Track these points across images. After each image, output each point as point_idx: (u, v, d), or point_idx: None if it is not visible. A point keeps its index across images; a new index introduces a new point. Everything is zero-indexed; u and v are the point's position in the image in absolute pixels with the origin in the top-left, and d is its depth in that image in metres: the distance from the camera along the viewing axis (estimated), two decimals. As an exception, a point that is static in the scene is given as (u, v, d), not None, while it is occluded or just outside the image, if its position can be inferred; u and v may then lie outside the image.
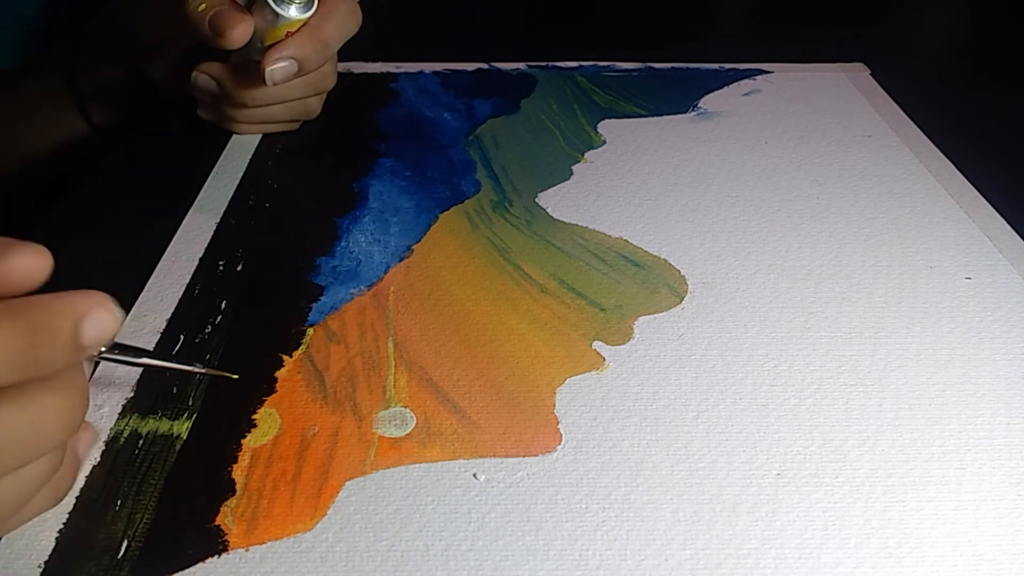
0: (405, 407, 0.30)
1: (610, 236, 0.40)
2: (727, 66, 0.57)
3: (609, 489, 0.27)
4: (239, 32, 0.38)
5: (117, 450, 0.28)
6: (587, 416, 0.30)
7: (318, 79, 0.45)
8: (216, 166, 0.45)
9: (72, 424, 0.22)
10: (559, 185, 0.44)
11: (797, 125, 0.50)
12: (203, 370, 0.30)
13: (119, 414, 0.29)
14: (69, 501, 0.26)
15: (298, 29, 0.41)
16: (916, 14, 0.72)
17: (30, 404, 0.20)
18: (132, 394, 0.30)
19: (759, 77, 0.56)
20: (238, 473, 0.27)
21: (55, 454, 0.23)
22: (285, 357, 0.32)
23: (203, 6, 0.39)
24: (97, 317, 0.21)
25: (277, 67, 0.41)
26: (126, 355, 0.27)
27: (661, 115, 0.51)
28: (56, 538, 0.25)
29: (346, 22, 0.43)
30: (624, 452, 0.28)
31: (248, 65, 0.42)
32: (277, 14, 0.39)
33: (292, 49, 0.41)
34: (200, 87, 0.44)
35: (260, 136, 0.48)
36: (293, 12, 0.39)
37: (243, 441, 0.28)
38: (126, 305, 0.34)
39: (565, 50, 0.59)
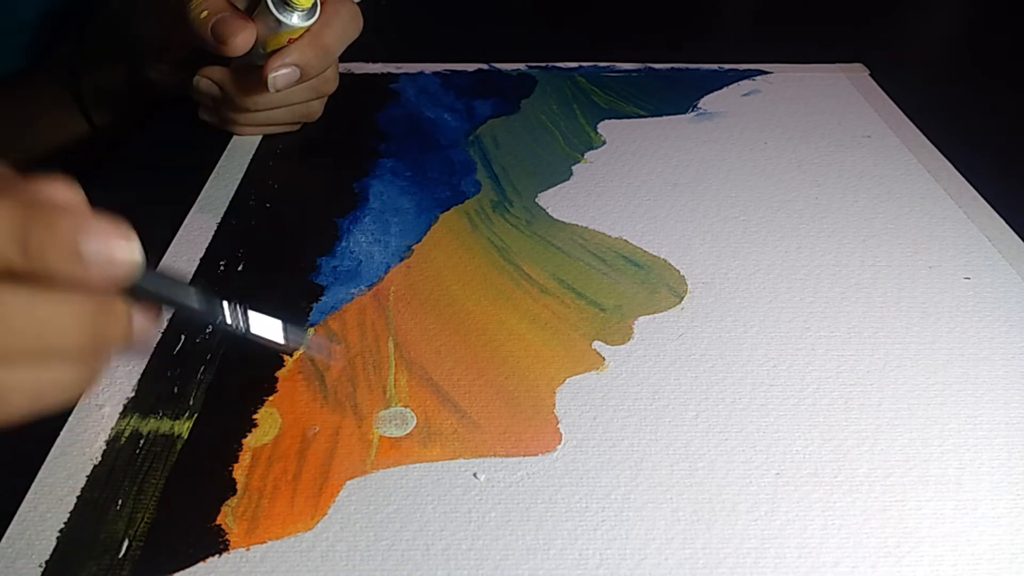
0: (405, 407, 0.30)
1: (610, 236, 0.40)
2: (726, 67, 0.57)
3: (609, 489, 0.27)
4: (241, 39, 0.38)
5: (118, 450, 0.28)
6: (587, 416, 0.30)
7: (320, 83, 0.45)
8: (217, 166, 0.45)
9: (94, 333, 0.21)
10: (559, 185, 0.44)
11: (796, 125, 0.50)
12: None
13: (120, 414, 0.29)
14: (70, 500, 0.26)
15: (300, 35, 0.41)
16: (916, 14, 0.72)
17: (50, 292, 0.20)
18: (133, 394, 0.30)
19: (758, 78, 0.56)
20: (239, 473, 0.27)
21: (77, 371, 0.22)
22: (286, 357, 0.32)
23: (205, 12, 0.39)
24: (104, 236, 0.20)
25: (279, 74, 0.41)
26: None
27: (661, 115, 0.51)
28: (57, 537, 0.25)
29: (347, 28, 0.43)
30: (624, 452, 0.28)
31: (250, 69, 0.42)
32: (279, 21, 0.39)
33: (294, 56, 0.41)
34: (202, 91, 0.44)
35: (261, 137, 0.48)
36: (295, 19, 0.39)
37: (244, 441, 0.29)
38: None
39: (565, 50, 0.59)
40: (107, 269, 0.21)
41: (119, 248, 0.21)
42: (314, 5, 0.40)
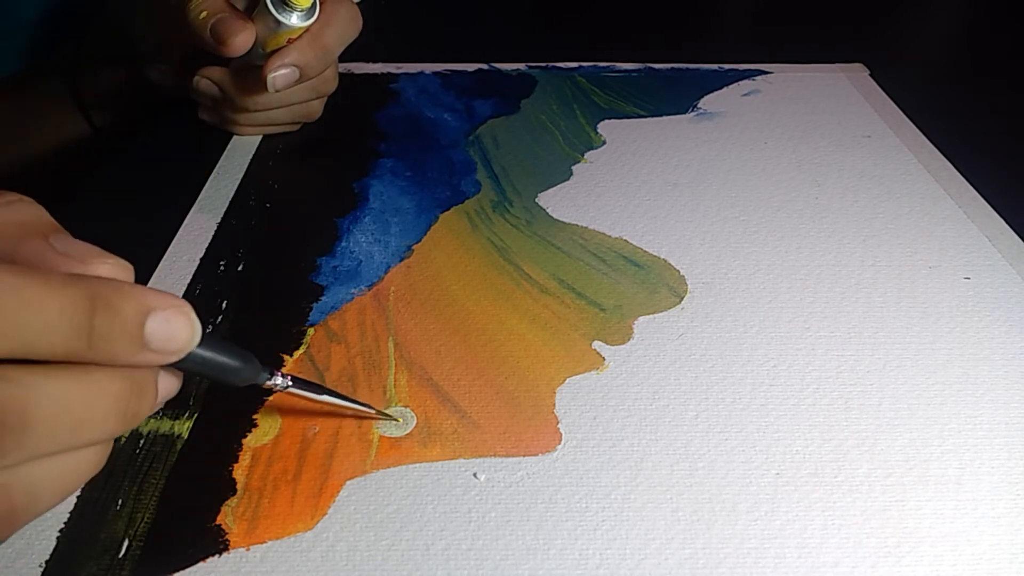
0: (405, 407, 0.30)
1: (610, 236, 0.40)
2: (727, 66, 0.57)
3: (609, 489, 0.27)
4: (241, 40, 0.38)
5: (118, 450, 0.28)
6: (587, 416, 0.30)
7: (319, 83, 0.45)
8: (217, 166, 0.45)
9: (126, 417, 0.20)
10: (559, 185, 0.44)
11: (796, 125, 0.50)
12: (374, 412, 0.29)
13: (120, 414, 0.29)
14: (70, 500, 0.26)
15: (299, 35, 0.41)
16: (916, 14, 0.72)
17: (84, 378, 0.19)
18: (133, 394, 0.30)
19: (758, 78, 0.56)
20: (239, 473, 0.27)
21: (101, 451, 0.21)
22: (286, 357, 0.32)
23: (204, 13, 0.39)
24: (168, 317, 0.20)
25: (279, 74, 0.41)
26: (303, 389, 0.27)
27: (661, 115, 0.51)
28: (57, 537, 0.25)
29: (346, 28, 0.43)
30: (624, 452, 0.28)
31: (250, 69, 0.42)
32: (279, 21, 0.39)
33: (294, 56, 0.41)
34: (202, 91, 0.44)
35: (261, 137, 0.48)
36: (295, 20, 0.39)
37: (244, 441, 0.29)
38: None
39: (565, 50, 0.59)
40: (166, 350, 0.20)
41: (183, 328, 0.20)
42: (313, 5, 0.40)
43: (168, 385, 0.22)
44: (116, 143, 0.48)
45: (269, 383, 0.25)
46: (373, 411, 0.29)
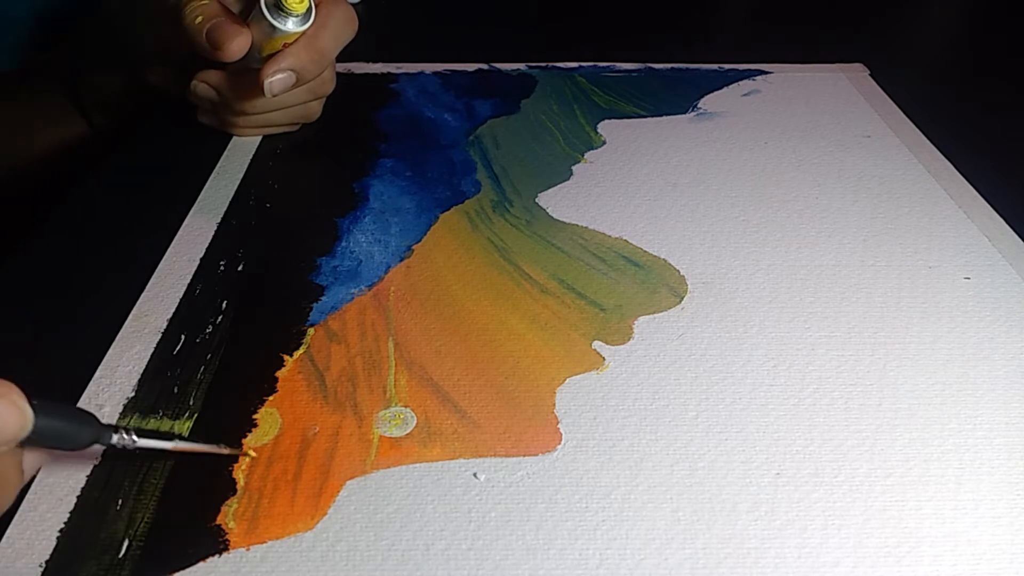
0: (405, 407, 0.30)
1: (610, 236, 0.40)
2: (727, 66, 0.57)
3: (609, 489, 0.27)
4: (236, 45, 0.38)
5: (119, 450, 0.28)
6: (587, 416, 0.30)
7: (317, 85, 0.45)
8: (217, 166, 0.45)
9: None
10: (559, 185, 0.44)
11: (796, 125, 0.50)
12: (227, 451, 0.28)
13: (120, 413, 0.29)
14: (70, 500, 0.26)
15: (295, 39, 0.41)
16: (916, 14, 0.72)
17: None
18: (133, 393, 0.30)
19: (758, 77, 0.56)
20: (239, 473, 0.27)
21: None
22: (286, 357, 0.32)
23: (200, 18, 0.39)
24: None
25: (275, 79, 0.40)
26: (151, 440, 0.26)
27: (661, 115, 0.51)
28: (57, 537, 0.25)
29: (342, 30, 0.43)
30: (624, 452, 0.28)
31: (247, 73, 0.42)
32: (274, 27, 0.39)
33: (290, 60, 0.40)
34: (200, 95, 0.44)
35: (261, 137, 0.48)
36: (291, 25, 0.39)
37: (244, 441, 0.29)
38: (127, 305, 0.34)
39: (565, 50, 0.59)
40: None
41: (10, 415, 0.20)
42: (309, 10, 0.40)
43: (32, 461, 0.23)
44: (115, 144, 0.48)
45: (114, 441, 0.25)
46: (227, 450, 0.28)
